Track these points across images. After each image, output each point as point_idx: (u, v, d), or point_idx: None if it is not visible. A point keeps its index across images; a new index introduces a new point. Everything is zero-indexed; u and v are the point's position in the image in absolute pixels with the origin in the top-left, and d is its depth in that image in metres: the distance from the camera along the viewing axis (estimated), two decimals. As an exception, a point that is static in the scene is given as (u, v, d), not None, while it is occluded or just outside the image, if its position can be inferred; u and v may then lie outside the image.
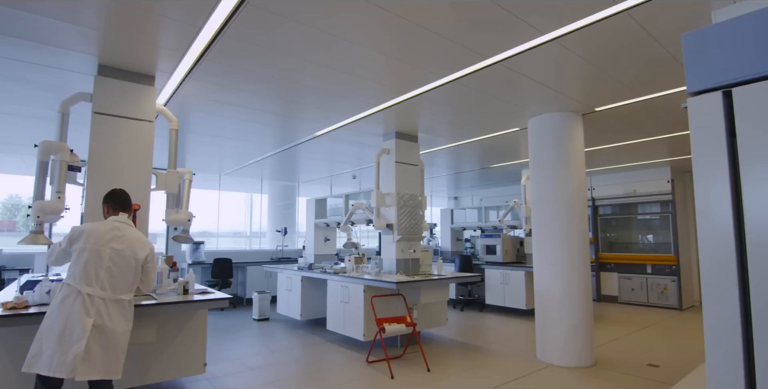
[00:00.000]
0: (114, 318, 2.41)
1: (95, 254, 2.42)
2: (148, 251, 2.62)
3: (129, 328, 2.51)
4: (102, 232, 2.49)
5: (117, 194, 2.72)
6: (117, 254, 2.48)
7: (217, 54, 3.14)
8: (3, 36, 2.89)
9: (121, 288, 2.48)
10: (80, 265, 2.40)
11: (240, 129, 5.34)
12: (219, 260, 7.53)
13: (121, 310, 2.46)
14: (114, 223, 2.59)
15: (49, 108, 4.38)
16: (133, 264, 2.53)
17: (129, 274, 2.52)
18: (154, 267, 2.69)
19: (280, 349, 4.88)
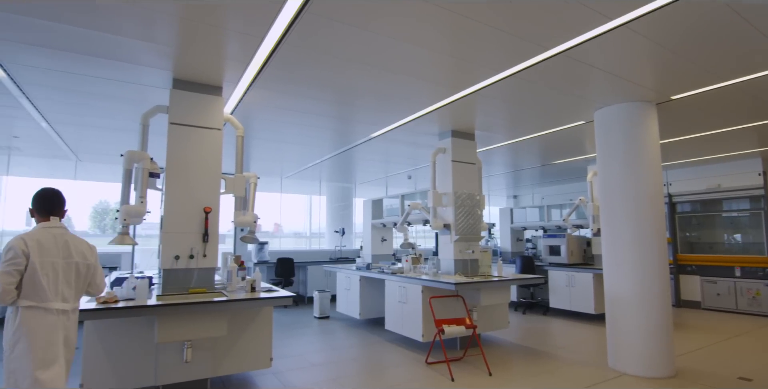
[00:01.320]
0: (74, 328, 2.34)
1: (52, 267, 2.23)
2: (95, 256, 2.47)
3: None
4: (50, 242, 2.27)
5: (45, 196, 2.39)
6: (71, 263, 2.32)
7: (278, 62, 3.27)
8: (90, 56, 3.22)
9: (77, 297, 2.37)
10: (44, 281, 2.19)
11: (300, 133, 5.54)
12: (282, 260, 7.86)
13: (76, 319, 2.37)
14: (53, 230, 2.32)
15: (130, 120, 4.83)
16: (84, 271, 2.37)
17: (82, 282, 2.37)
18: (100, 270, 2.52)
19: (340, 347, 4.99)
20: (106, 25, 2.74)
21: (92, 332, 3.03)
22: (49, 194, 2.41)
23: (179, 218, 3.49)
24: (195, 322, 3.08)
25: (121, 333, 3.11)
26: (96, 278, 2.46)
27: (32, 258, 2.18)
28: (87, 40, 2.96)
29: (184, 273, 3.50)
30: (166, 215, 3.46)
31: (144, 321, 3.17)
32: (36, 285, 2.18)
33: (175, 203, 3.49)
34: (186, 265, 3.48)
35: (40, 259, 2.20)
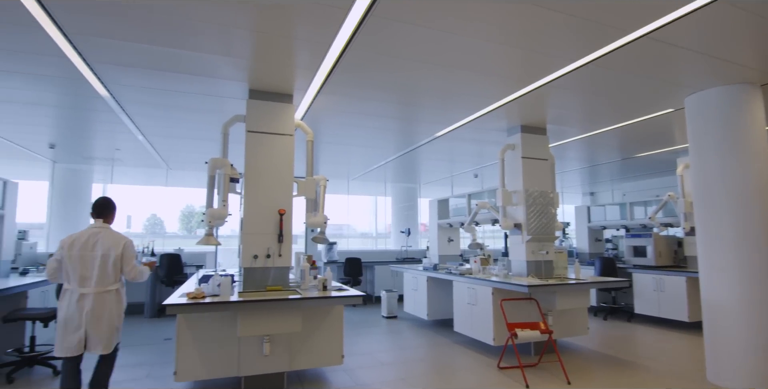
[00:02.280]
0: (107, 306, 2.93)
1: (77, 260, 2.90)
2: (122, 248, 3.00)
3: (122, 311, 3.06)
4: (78, 240, 2.94)
5: (95, 204, 3.14)
6: (96, 256, 2.93)
7: (344, 67, 3.36)
8: (177, 73, 3.53)
9: (106, 282, 2.94)
10: (72, 270, 2.89)
11: (365, 136, 5.64)
12: (350, 260, 8.06)
13: (110, 299, 2.96)
14: (93, 229, 3.02)
15: (212, 130, 5.23)
16: (110, 262, 2.95)
17: (110, 269, 2.95)
18: (130, 258, 3.03)
19: (408, 347, 4.99)
20: (191, 43, 3.00)
21: (183, 325, 3.31)
22: (98, 202, 3.15)
23: (257, 220, 3.71)
24: (273, 318, 3.24)
25: (208, 327, 3.37)
26: (125, 266, 3.03)
27: (64, 252, 2.91)
28: (175, 59, 3.25)
29: (262, 272, 3.71)
30: (245, 217, 3.70)
31: (228, 316, 3.41)
32: (66, 272, 2.93)
33: (252, 206, 3.72)
34: (263, 264, 3.69)
35: (69, 253, 2.91)
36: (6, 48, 3.08)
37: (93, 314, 2.88)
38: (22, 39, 2.93)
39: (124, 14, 2.62)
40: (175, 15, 2.62)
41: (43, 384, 3.69)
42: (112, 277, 2.99)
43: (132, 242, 3.12)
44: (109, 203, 3.17)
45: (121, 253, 3.00)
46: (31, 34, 2.82)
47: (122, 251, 3.01)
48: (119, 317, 3.05)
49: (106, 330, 2.93)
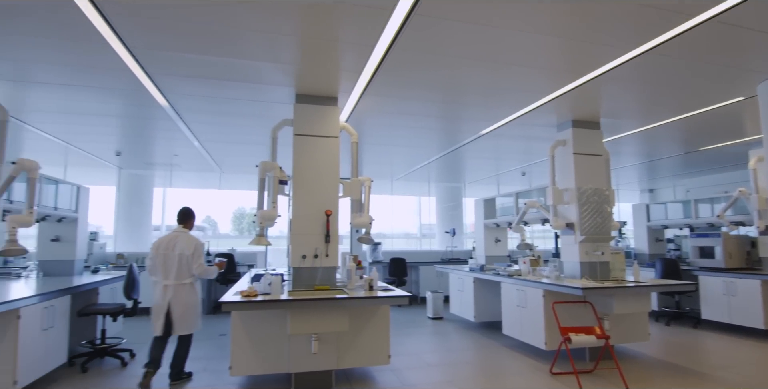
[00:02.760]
0: (184, 296, 3.65)
1: (163, 258, 3.65)
2: (192, 248, 3.70)
3: (197, 300, 3.79)
4: (164, 241, 3.71)
5: (179, 212, 3.93)
6: (175, 255, 3.66)
7: (387, 68, 3.37)
8: (229, 81, 3.70)
9: (182, 276, 3.66)
10: (159, 266, 3.66)
11: (408, 136, 5.63)
12: (395, 260, 8.07)
13: (187, 291, 3.68)
14: (174, 232, 3.80)
15: (261, 135, 5.43)
16: (185, 260, 3.67)
17: (184, 266, 3.67)
18: (197, 258, 3.71)
19: (455, 349, 4.92)
20: (242, 52, 3.13)
21: (238, 321, 3.46)
22: (181, 210, 3.94)
23: (304, 221, 3.81)
24: (321, 317, 3.31)
25: (260, 324, 3.50)
26: (194, 264, 3.71)
27: (153, 251, 3.69)
28: (227, 68, 3.41)
29: (310, 271, 3.80)
30: (293, 218, 3.81)
31: (278, 314, 3.52)
32: (155, 268, 3.68)
33: (300, 207, 3.83)
34: (311, 264, 3.78)
35: (156, 252, 3.69)
36: (77, 64, 3.36)
37: (173, 301, 3.62)
38: (91, 55, 3.18)
39: (182, 29, 2.78)
40: (227, 26, 2.75)
41: (112, 374, 3.98)
42: (187, 272, 3.69)
43: (201, 245, 3.79)
44: (189, 212, 3.94)
45: (191, 253, 3.68)
46: (99, 50, 3.05)
47: (192, 251, 3.69)
48: (195, 305, 3.75)
49: (183, 314, 3.64)
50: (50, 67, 3.46)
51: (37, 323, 3.39)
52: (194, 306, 3.75)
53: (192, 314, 3.71)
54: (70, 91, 4.00)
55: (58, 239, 5.15)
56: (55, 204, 4.72)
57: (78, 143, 5.99)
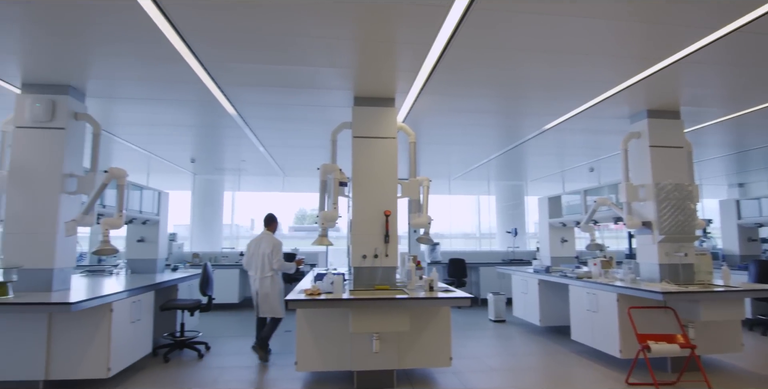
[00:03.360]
0: (266, 286, 4.45)
1: (252, 255, 4.55)
2: (271, 247, 4.47)
3: (277, 290, 4.50)
4: (254, 242, 4.63)
5: (264, 218, 4.78)
6: (260, 253, 4.49)
7: (445, 66, 3.33)
8: (291, 88, 3.86)
9: (265, 270, 4.48)
10: (251, 262, 4.56)
11: (466, 134, 5.53)
12: (454, 261, 7.95)
13: (268, 282, 4.47)
14: (261, 234, 4.67)
15: (321, 138, 5.60)
16: (266, 257, 4.48)
17: (266, 262, 4.47)
18: (275, 255, 4.47)
19: (519, 353, 4.74)
20: (302, 59, 3.25)
21: (302, 319, 3.58)
22: (266, 216, 4.80)
23: (364, 221, 3.87)
24: (382, 316, 3.34)
25: (323, 322, 3.60)
26: (273, 260, 4.49)
27: (247, 249, 4.65)
28: (289, 75, 3.56)
29: (370, 271, 3.85)
30: (353, 218, 3.88)
31: (340, 312, 3.60)
32: (249, 263, 4.60)
33: (360, 208, 3.89)
34: (371, 264, 3.83)
35: (249, 250, 4.63)
36: (157, 79, 3.68)
37: (259, 291, 4.49)
38: (169, 71, 3.46)
39: (249, 41, 2.94)
40: (289, 36, 2.86)
41: (191, 364, 4.29)
42: (268, 267, 4.49)
43: (279, 244, 4.57)
44: (272, 217, 4.81)
45: (270, 251, 4.47)
46: (176, 66, 3.32)
47: (271, 250, 4.48)
48: (275, 294, 4.51)
49: (264, 301, 4.49)
50: (134, 84, 3.82)
51: (127, 316, 3.73)
52: (274, 295, 4.49)
53: (273, 301, 4.46)
54: (151, 105, 4.39)
55: (143, 240, 5.66)
56: (140, 208, 5.20)
57: (158, 151, 6.55)
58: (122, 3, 2.43)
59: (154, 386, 3.66)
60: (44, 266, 3.55)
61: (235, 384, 3.73)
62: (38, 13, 2.62)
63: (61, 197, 3.65)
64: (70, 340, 3.34)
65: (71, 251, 3.85)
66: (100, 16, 2.63)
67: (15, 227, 3.56)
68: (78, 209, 3.82)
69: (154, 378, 3.86)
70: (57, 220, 3.60)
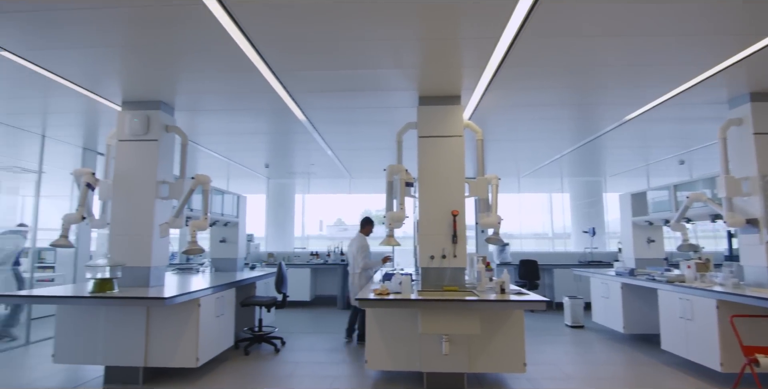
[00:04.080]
0: (354, 281, 5.02)
1: (348, 254, 5.28)
2: (356, 247, 5.06)
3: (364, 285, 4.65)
4: (350, 242, 5.28)
5: (361, 220, 5.37)
6: (351, 251, 5.12)
7: (513, 59, 3.20)
8: (357, 92, 3.94)
9: (354, 267, 5.04)
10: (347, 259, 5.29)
11: (536, 129, 5.28)
12: (525, 262, 7.61)
13: (356, 278, 5.00)
14: (355, 235, 5.26)
15: (385, 140, 5.68)
16: (353, 256, 5.08)
17: (353, 260, 5.06)
18: (360, 253, 5.02)
19: (600, 362, 4.41)
20: (367, 63, 3.31)
21: (372, 318, 3.63)
22: (361, 220, 5.39)
23: (431, 221, 3.84)
24: (451, 318, 3.29)
25: (392, 322, 3.62)
26: (358, 258, 5.03)
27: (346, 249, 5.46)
28: (355, 79, 3.64)
29: (438, 272, 3.81)
30: (420, 218, 3.87)
31: (409, 313, 3.59)
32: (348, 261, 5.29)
33: (427, 208, 3.87)
34: (439, 264, 3.79)
35: (347, 250, 5.34)
36: (234, 91, 3.95)
37: (350, 285, 5.07)
38: (245, 82, 3.70)
39: (317, 49, 3.06)
40: (354, 41, 2.92)
41: (268, 358, 4.53)
42: (356, 265, 5.04)
43: (364, 245, 5.10)
44: (365, 220, 5.36)
45: (356, 251, 5.02)
46: (251, 77, 3.54)
47: (356, 249, 5.04)
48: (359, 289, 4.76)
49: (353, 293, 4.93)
50: (215, 97, 4.13)
51: (212, 310, 4.04)
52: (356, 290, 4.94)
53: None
54: (229, 116, 4.72)
55: (224, 240, 6.10)
56: (221, 211, 5.61)
57: (236, 158, 7.03)
58: (205, 23, 2.64)
59: (236, 377, 3.92)
60: (142, 265, 3.96)
61: (310, 378, 3.88)
62: (135, 40, 2.94)
63: (156, 202, 4.05)
64: (164, 331, 3.69)
65: (165, 251, 4.26)
66: (186, 37, 2.88)
67: (119, 229, 4.01)
68: (169, 213, 4.21)
69: (237, 369, 4.14)
70: (153, 223, 4.00)
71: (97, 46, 3.03)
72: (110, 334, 3.68)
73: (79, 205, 3.78)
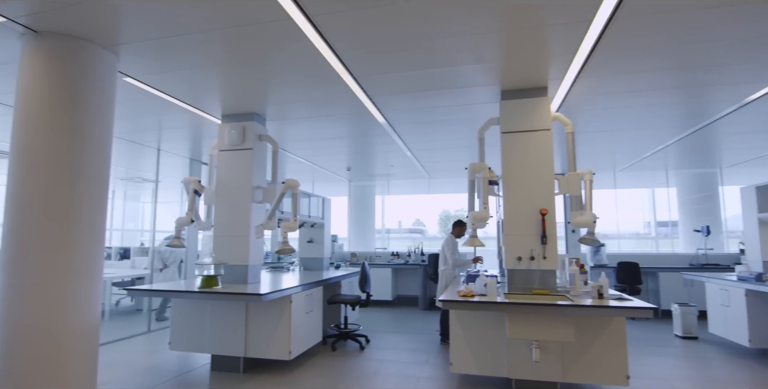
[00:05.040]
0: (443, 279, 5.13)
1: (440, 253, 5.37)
2: (445, 246, 5.22)
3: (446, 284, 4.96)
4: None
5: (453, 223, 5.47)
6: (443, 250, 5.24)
7: (608, 42, 2.92)
8: (435, 91, 3.90)
9: (443, 265, 5.16)
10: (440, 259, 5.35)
11: (634, 118, 4.79)
12: (624, 264, 6.95)
13: (444, 274, 5.12)
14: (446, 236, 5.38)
15: (464, 138, 5.56)
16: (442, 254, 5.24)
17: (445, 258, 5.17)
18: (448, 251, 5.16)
19: (722, 379, 3.86)
20: (446, 60, 3.25)
21: (455, 320, 3.56)
22: (453, 222, 5.49)
23: (518, 221, 3.66)
24: (542, 323, 3.10)
25: (477, 324, 3.52)
26: (447, 256, 5.16)
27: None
28: (433, 78, 3.61)
29: (526, 274, 3.62)
30: (505, 218, 3.71)
31: (495, 316, 3.46)
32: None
33: (513, 207, 3.69)
34: (527, 266, 3.59)
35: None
36: (318, 98, 4.14)
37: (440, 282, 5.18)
38: (328, 89, 3.86)
39: (396, 50, 3.08)
40: (433, 39, 2.90)
41: (354, 355, 4.66)
42: (444, 262, 5.18)
43: (451, 245, 5.19)
44: (457, 222, 5.45)
45: (445, 248, 5.19)
46: (334, 84, 3.68)
47: (445, 246, 5.21)
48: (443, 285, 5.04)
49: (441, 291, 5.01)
50: (301, 105, 4.36)
51: (302, 307, 4.26)
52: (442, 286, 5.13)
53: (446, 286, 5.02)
54: (314, 122, 4.96)
55: (311, 240, 6.43)
56: (308, 213, 5.91)
57: (320, 162, 7.37)
58: (292, 36, 2.81)
59: (325, 371, 4.10)
60: (241, 263, 4.31)
61: (394, 377, 3.92)
62: (232, 58, 3.22)
63: (252, 206, 4.39)
64: (260, 325, 3.98)
65: (260, 251, 4.59)
66: (276, 51, 3.09)
67: (222, 231, 4.41)
68: (263, 216, 4.54)
69: (325, 364, 4.32)
70: (250, 225, 4.34)
71: (201, 66, 3.38)
72: (215, 326, 4.06)
73: (188, 209, 4.23)
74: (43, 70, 2.78)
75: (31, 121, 2.75)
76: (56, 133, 2.76)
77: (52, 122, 2.76)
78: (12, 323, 2.59)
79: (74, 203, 2.76)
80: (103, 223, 2.96)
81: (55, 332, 2.64)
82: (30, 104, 2.76)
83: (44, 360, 2.60)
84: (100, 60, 2.98)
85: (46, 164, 2.71)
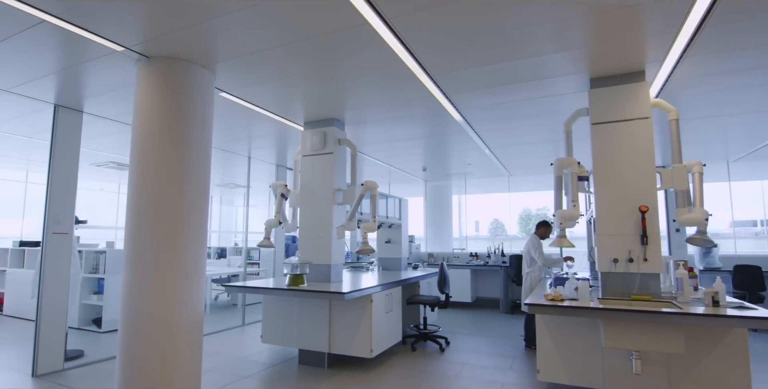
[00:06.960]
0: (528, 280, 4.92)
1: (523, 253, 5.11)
2: (528, 246, 4.98)
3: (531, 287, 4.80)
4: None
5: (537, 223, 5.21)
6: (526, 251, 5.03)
7: (721, 14, 2.56)
8: (514, 84, 3.72)
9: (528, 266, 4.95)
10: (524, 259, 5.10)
11: (749, 100, 4.16)
12: (742, 268, 6.08)
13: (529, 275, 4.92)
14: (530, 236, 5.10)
15: (545, 133, 5.26)
16: (526, 255, 4.99)
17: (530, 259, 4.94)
18: (534, 252, 4.87)
19: None
20: (526, 51, 3.09)
21: (543, 326, 3.37)
22: (537, 223, 5.20)
23: (612, 220, 3.35)
24: (644, 332, 2.81)
25: (566, 331, 3.29)
26: (534, 256, 4.88)
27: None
28: (512, 71, 3.45)
29: (624, 277, 3.30)
30: (598, 216, 3.42)
31: (587, 323, 3.22)
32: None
33: (606, 204, 3.39)
34: (625, 269, 3.28)
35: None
36: (394, 100, 4.17)
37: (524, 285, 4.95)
38: (404, 90, 3.87)
39: (472, 45, 2.99)
40: (510, 30, 2.77)
41: (434, 356, 4.62)
42: (530, 263, 4.95)
43: (535, 245, 4.91)
44: (541, 223, 5.16)
45: (529, 250, 4.93)
46: (410, 84, 3.69)
47: (528, 249, 4.95)
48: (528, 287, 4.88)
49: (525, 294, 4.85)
50: (378, 108, 4.44)
51: (383, 306, 4.32)
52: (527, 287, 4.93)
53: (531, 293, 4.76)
54: (390, 124, 5.02)
55: (389, 241, 6.51)
56: (386, 214, 5.99)
57: (396, 164, 7.45)
58: (369, 40, 2.86)
59: (406, 371, 4.11)
60: (324, 262, 4.50)
61: (477, 381, 3.81)
62: (313, 67, 3.37)
63: (333, 207, 4.56)
64: (343, 322, 4.10)
65: (341, 251, 4.75)
66: (355, 58, 3.18)
67: (306, 232, 4.64)
68: (344, 217, 4.69)
69: (405, 364, 4.33)
70: (332, 226, 4.52)
71: (285, 77, 3.59)
72: (301, 322, 4.27)
73: (276, 212, 4.52)
74: (155, 90, 3.15)
75: (145, 136, 3.12)
76: (166, 146, 3.10)
77: (162, 136, 3.11)
78: (134, 313, 2.96)
79: (182, 207, 3.08)
80: (205, 225, 3.26)
81: (169, 322, 2.96)
82: (145, 121, 3.13)
83: (160, 346, 2.93)
84: (200, 78, 3.30)
85: (158, 173, 3.06)
